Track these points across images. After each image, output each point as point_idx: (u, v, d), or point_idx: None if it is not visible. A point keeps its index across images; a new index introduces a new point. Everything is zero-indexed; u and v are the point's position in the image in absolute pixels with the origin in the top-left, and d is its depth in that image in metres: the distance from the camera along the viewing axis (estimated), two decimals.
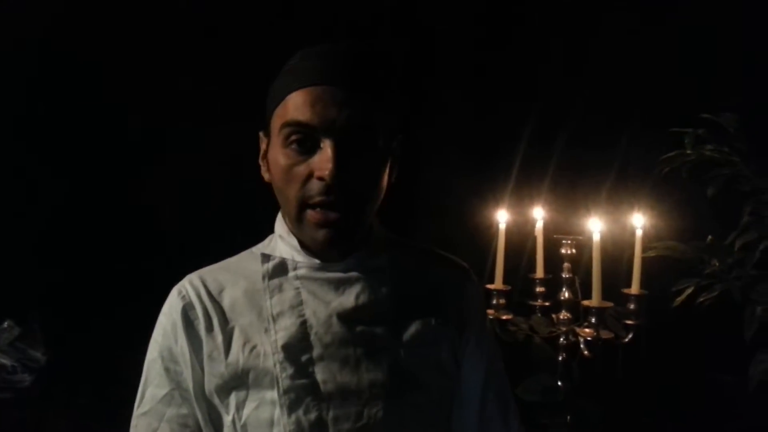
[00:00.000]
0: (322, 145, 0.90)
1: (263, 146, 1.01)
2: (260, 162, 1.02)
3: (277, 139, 0.94)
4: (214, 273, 1.03)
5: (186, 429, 0.97)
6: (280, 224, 1.04)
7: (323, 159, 0.89)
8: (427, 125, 2.64)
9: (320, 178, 0.90)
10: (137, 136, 2.71)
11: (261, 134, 1.01)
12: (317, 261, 0.99)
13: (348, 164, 0.90)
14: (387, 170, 0.98)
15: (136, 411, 1.01)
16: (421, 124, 2.59)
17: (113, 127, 2.68)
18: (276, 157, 0.94)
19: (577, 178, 2.36)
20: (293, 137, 0.92)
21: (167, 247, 2.57)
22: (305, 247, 1.00)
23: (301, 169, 0.92)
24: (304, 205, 0.92)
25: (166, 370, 0.99)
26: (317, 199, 0.91)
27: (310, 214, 0.92)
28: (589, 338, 1.75)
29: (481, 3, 2.73)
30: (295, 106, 0.91)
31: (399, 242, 1.08)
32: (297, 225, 0.95)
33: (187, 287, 1.01)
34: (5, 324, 2.58)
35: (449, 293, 1.04)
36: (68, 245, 2.65)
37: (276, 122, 0.95)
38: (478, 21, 2.74)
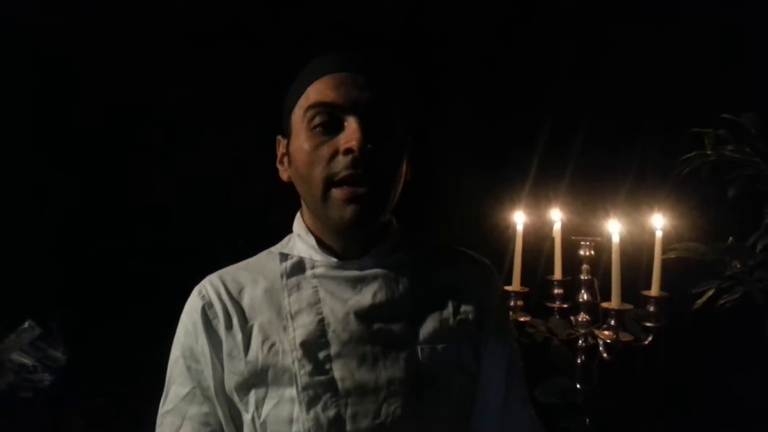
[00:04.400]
0: (346, 123, 0.93)
1: (281, 149, 1.03)
2: (278, 165, 1.04)
3: (300, 126, 0.96)
4: (233, 273, 1.04)
5: (207, 427, 0.98)
6: (298, 223, 1.05)
7: (350, 132, 0.92)
8: (442, 127, 2.64)
9: (348, 150, 0.91)
10: (153, 137, 2.73)
11: (278, 138, 1.04)
12: (334, 259, 1.00)
13: (373, 141, 0.91)
14: (405, 160, 0.99)
15: (161, 409, 1.02)
16: (437, 126, 2.59)
17: (129, 127, 2.71)
18: (300, 143, 0.95)
19: (595, 178, 2.34)
20: (318, 119, 0.94)
21: (184, 247, 2.59)
22: (323, 245, 1.01)
23: (326, 149, 0.93)
24: (330, 183, 0.93)
25: (188, 368, 1.00)
26: (344, 173, 0.92)
27: (337, 192, 0.93)
28: (608, 341, 1.73)
29: (496, 5, 2.73)
30: (319, 91, 0.94)
31: (418, 239, 1.08)
32: (322, 206, 0.95)
33: (207, 287, 1.02)
34: (26, 324, 2.61)
35: (469, 289, 1.04)
36: (86, 245, 2.68)
37: (298, 113, 0.97)
38: (492, 23, 2.73)
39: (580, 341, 1.82)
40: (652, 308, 1.70)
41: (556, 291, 1.89)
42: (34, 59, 2.66)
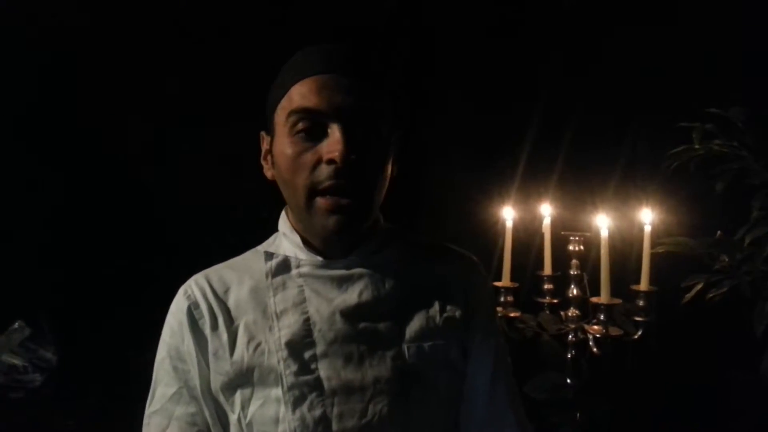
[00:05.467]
0: (329, 130, 0.91)
1: (265, 145, 1.02)
2: (262, 161, 1.03)
3: (282, 130, 0.95)
4: (219, 272, 1.04)
5: (194, 427, 0.98)
6: (283, 222, 1.04)
7: (333, 142, 0.90)
8: (432, 123, 2.64)
9: (330, 161, 0.90)
10: (144, 136, 2.72)
11: (262, 134, 1.03)
12: (320, 258, 0.99)
13: (356, 148, 0.90)
14: (390, 160, 0.99)
15: (148, 409, 1.02)
16: (427, 122, 2.59)
17: (120, 126, 2.70)
18: (282, 148, 0.95)
19: (584, 173, 2.35)
20: (300, 125, 0.92)
21: (175, 247, 2.59)
22: (308, 244, 1.00)
23: (309, 156, 0.92)
24: (313, 192, 0.93)
25: (174, 369, 1.00)
26: (327, 183, 0.91)
27: (320, 202, 0.92)
28: (598, 335, 1.74)
29: (487, 1, 2.73)
30: (301, 94, 0.92)
31: (405, 236, 1.08)
32: (306, 214, 0.95)
33: (193, 287, 1.02)
34: (16, 324, 2.60)
35: (456, 286, 1.03)
36: (77, 246, 2.67)
37: (281, 114, 0.95)
38: (482, 18, 2.73)
39: (570, 336, 1.82)
40: (641, 303, 1.71)
41: (545, 286, 1.89)
42: (28, 57, 2.65)
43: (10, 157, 2.64)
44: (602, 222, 1.75)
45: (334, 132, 0.90)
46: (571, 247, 1.87)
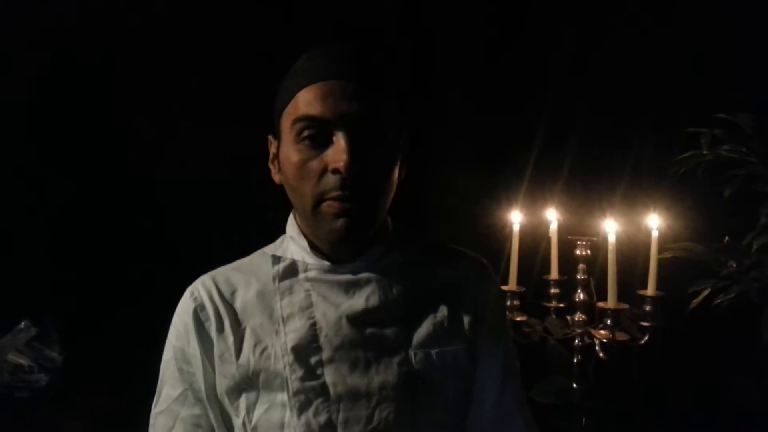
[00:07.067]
0: (334, 138, 0.91)
1: (272, 149, 1.01)
2: (270, 165, 1.02)
3: (288, 136, 0.94)
4: (226, 274, 1.03)
5: (199, 429, 0.98)
6: (291, 225, 1.04)
7: (337, 151, 0.89)
8: (439, 125, 2.64)
9: (335, 171, 0.89)
10: (148, 136, 2.73)
11: (270, 137, 1.02)
12: (327, 263, 0.99)
13: (361, 156, 0.90)
14: (398, 164, 0.98)
15: (154, 409, 1.02)
16: (433, 125, 2.58)
17: (124, 126, 2.71)
18: (288, 154, 0.94)
19: (591, 178, 2.34)
20: (306, 132, 0.92)
21: (179, 247, 2.59)
22: (316, 248, 1.00)
23: (315, 164, 0.91)
24: (320, 200, 0.92)
25: (180, 370, 1.00)
26: (334, 193, 0.90)
27: (327, 205, 0.92)
28: (604, 340, 1.73)
29: (491, 2, 2.73)
30: (306, 101, 0.92)
31: (414, 238, 1.07)
32: (313, 218, 0.94)
33: (199, 288, 1.01)
34: (22, 324, 2.61)
35: (466, 289, 1.02)
36: (82, 246, 2.67)
37: (286, 120, 0.95)
38: (488, 20, 2.73)
39: (577, 341, 1.82)
40: (648, 308, 1.71)
41: (552, 290, 1.89)
42: (30, 57, 2.66)
43: (15, 158, 2.65)
44: (610, 227, 1.75)
45: (339, 140, 0.90)
46: (578, 252, 1.87)
